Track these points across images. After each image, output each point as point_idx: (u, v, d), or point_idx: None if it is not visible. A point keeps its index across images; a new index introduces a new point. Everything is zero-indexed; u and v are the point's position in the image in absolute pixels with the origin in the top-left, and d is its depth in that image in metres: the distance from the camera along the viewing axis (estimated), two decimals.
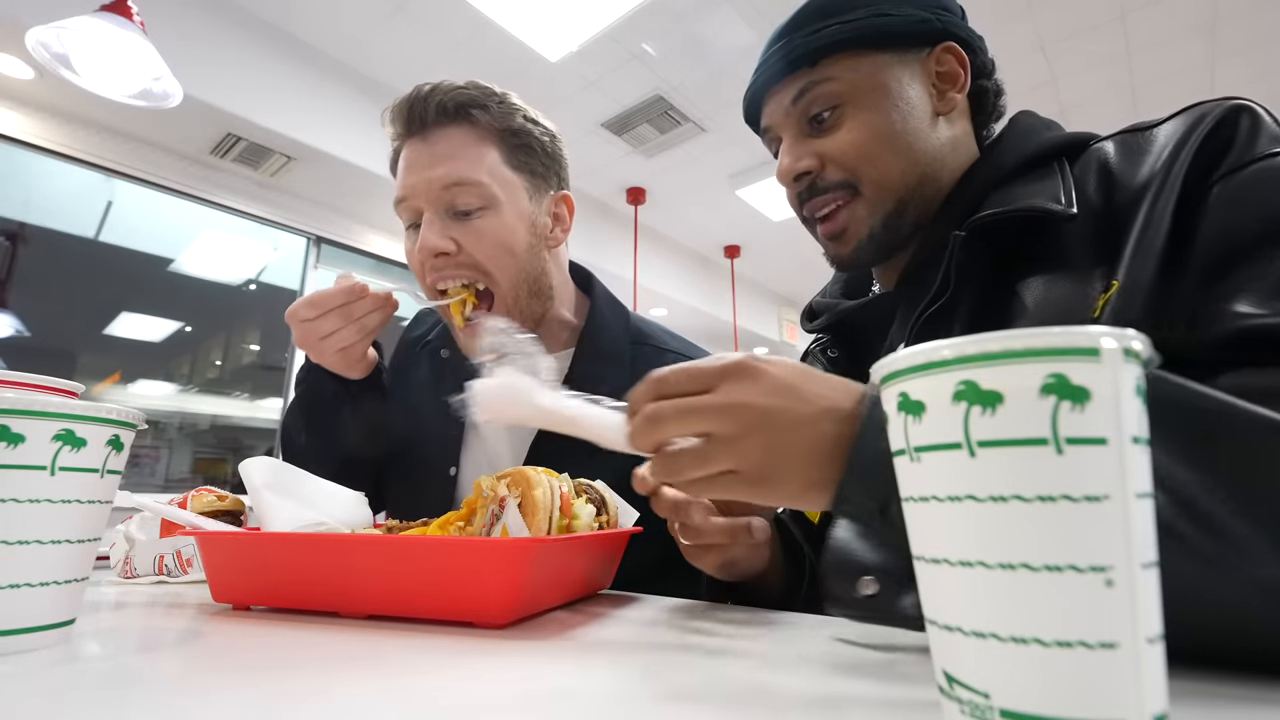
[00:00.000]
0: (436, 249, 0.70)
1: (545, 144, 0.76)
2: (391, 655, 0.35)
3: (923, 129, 0.57)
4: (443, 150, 0.70)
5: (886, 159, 0.56)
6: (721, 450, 0.36)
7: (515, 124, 0.73)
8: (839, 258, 0.61)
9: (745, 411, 0.36)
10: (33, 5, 1.88)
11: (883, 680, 0.31)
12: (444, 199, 0.70)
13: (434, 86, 0.72)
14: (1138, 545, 0.18)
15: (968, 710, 0.20)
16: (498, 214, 0.71)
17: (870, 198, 0.57)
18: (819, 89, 0.57)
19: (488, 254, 0.71)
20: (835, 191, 0.58)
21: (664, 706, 0.27)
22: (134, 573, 0.64)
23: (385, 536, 0.49)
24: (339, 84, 2.75)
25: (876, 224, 0.57)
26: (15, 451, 0.34)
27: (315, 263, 3.15)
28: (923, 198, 0.57)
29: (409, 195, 0.71)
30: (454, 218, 0.71)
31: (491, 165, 0.72)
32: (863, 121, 0.56)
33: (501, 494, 0.53)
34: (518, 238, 0.72)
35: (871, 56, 0.57)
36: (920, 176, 0.57)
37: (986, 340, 0.20)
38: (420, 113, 0.71)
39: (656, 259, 4.25)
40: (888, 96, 0.56)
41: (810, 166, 0.58)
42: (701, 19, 2.51)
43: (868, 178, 0.57)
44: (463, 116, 0.71)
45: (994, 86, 0.62)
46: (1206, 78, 2.74)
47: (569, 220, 0.81)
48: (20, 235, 2.43)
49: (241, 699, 0.27)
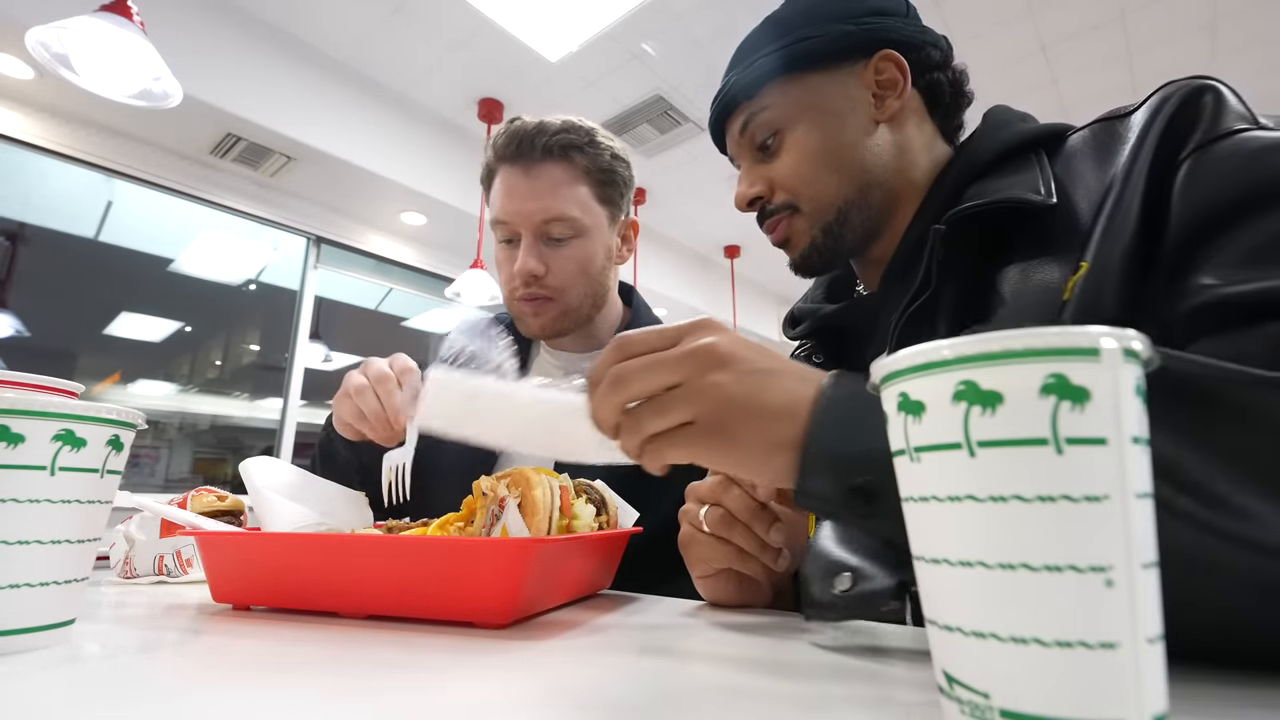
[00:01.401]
0: (533, 272, 0.80)
1: (625, 178, 0.86)
2: (391, 655, 0.35)
3: (858, 139, 0.58)
4: (544, 186, 0.80)
5: (821, 176, 0.59)
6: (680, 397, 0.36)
7: (604, 163, 0.83)
8: (793, 264, 0.64)
9: (707, 354, 0.36)
10: (32, 5, 1.88)
11: (883, 680, 0.31)
12: (542, 229, 0.80)
13: (540, 125, 0.81)
14: (1138, 545, 0.18)
15: (967, 710, 0.20)
16: (584, 243, 0.82)
17: (809, 213, 0.60)
18: (759, 118, 0.61)
19: (570, 277, 0.82)
20: (780, 213, 0.61)
21: (664, 707, 0.27)
22: (134, 573, 0.64)
23: (385, 536, 0.49)
24: (339, 84, 2.75)
25: (817, 233, 0.60)
26: (15, 451, 0.34)
27: (315, 263, 3.15)
28: (868, 204, 0.59)
29: (510, 220, 0.81)
30: (546, 243, 0.81)
31: (582, 200, 0.82)
32: (799, 144, 0.59)
33: (501, 494, 0.53)
34: (596, 260, 0.84)
35: (801, 79, 0.59)
36: (860, 185, 0.58)
37: (986, 340, 0.20)
38: (527, 148, 0.80)
39: (656, 259, 4.25)
40: (819, 114, 0.59)
41: (760, 192, 0.62)
42: (701, 19, 2.51)
43: (805, 197, 0.59)
44: (562, 156, 0.81)
45: (950, 77, 0.61)
46: None
47: (634, 240, 0.93)
48: (20, 235, 2.43)
49: (241, 699, 0.27)
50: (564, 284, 0.81)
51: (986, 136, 0.57)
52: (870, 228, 0.60)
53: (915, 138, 0.60)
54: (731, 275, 4.71)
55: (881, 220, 0.60)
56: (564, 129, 0.81)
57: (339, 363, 3.46)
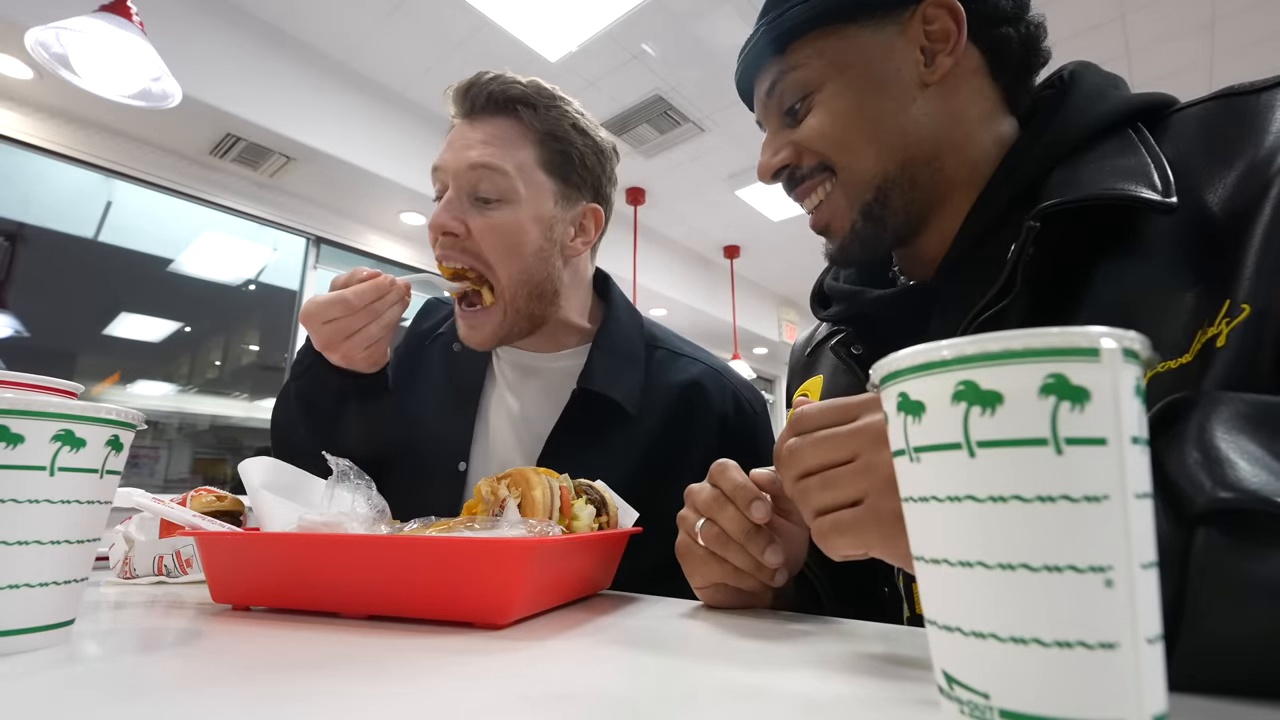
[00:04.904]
0: (445, 228, 0.71)
1: (585, 156, 0.77)
2: (391, 655, 0.35)
3: (901, 106, 0.50)
4: (481, 136, 0.72)
5: (857, 145, 0.51)
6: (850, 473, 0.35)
7: (559, 130, 0.74)
8: (832, 255, 0.58)
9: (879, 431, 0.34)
10: (32, 5, 1.88)
11: (882, 680, 0.31)
12: (469, 179, 0.71)
13: (495, 76, 0.74)
14: (1137, 545, 0.18)
15: (967, 710, 0.20)
16: (514, 210, 0.72)
17: (846, 183, 0.52)
18: (788, 79, 0.53)
19: (491, 247, 0.72)
20: (815, 177, 0.54)
21: (664, 707, 0.27)
22: (133, 573, 0.64)
23: (385, 536, 0.49)
24: (339, 84, 2.76)
25: (857, 217, 0.53)
26: (14, 452, 0.34)
27: (315, 263, 3.15)
28: (912, 183, 0.51)
29: (440, 166, 0.73)
30: (472, 203, 0.72)
31: (522, 162, 0.73)
32: (828, 107, 0.52)
33: (502, 495, 0.53)
34: (528, 238, 0.73)
35: (840, 33, 0.51)
36: (902, 161, 0.51)
37: (986, 340, 0.20)
38: (474, 97, 0.73)
39: (656, 259, 4.25)
40: (856, 75, 0.51)
41: (786, 159, 0.55)
42: (701, 19, 2.51)
43: (841, 162, 0.52)
44: (509, 110, 0.73)
45: (1020, 33, 0.51)
46: (1206, 77, 2.74)
47: (594, 233, 0.81)
48: (20, 235, 2.43)
49: (241, 699, 0.27)
50: (486, 252, 0.71)
51: (1078, 107, 0.48)
52: (916, 212, 0.52)
53: (972, 107, 0.51)
54: (731, 275, 4.71)
55: (929, 205, 0.52)
56: (521, 83, 0.73)
57: None
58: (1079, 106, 0.47)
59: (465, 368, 0.85)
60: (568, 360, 0.83)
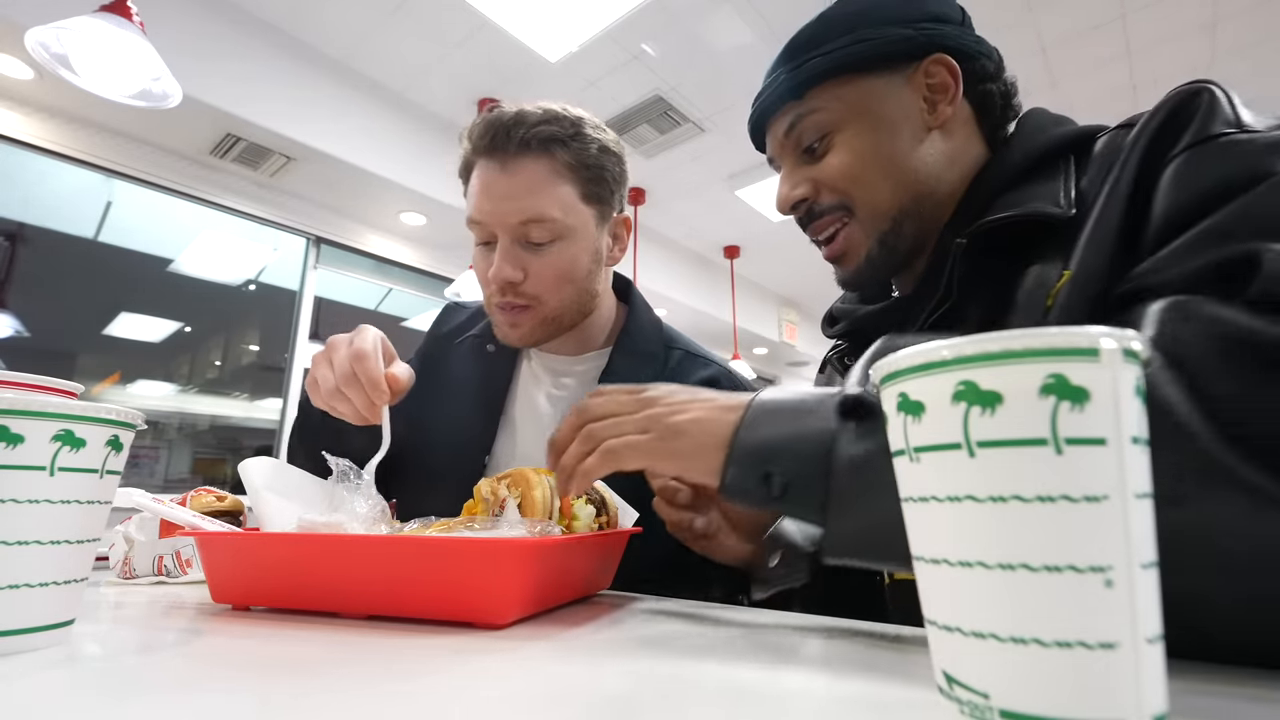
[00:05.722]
0: (508, 279, 0.74)
1: (616, 174, 0.79)
2: (391, 656, 0.35)
3: (912, 147, 0.57)
4: (521, 183, 0.73)
5: (875, 182, 0.57)
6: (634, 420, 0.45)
7: (590, 158, 0.76)
8: (844, 281, 0.64)
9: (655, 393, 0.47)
10: (32, 5, 1.88)
11: (883, 680, 0.31)
12: (519, 231, 0.73)
13: (517, 116, 0.74)
14: (1137, 545, 0.18)
15: (967, 710, 0.20)
16: (567, 245, 0.75)
17: (864, 219, 0.58)
18: (807, 120, 0.59)
19: (548, 283, 0.75)
20: (831, 214, 0.60)
21: (664, 707, 0.27)
22: (133, 573, 0.64)
23: (385, 536, 0.49)
24: (339, 84, 2.76)
25: (874, 246, 0.59)
26: (14, 452, 0.34)
27: (315, 263, 3.15)
28: (920, 214, 0.58)
29: (485, 220, 0.75)
30: (524, 247, 0.75)
31: (564, 200, 0.74)
32: (850, 147, 0.58)
33: (502, 495, 0.53)
34: (580, 266, 0.77)
35: (855, 82, 0.58)
36: (914, 195, 0.57)
37: (986, 340, 0.20)
38: (502, 140, 0.73)
39: (656, 259, 4.25)
40: (873, 119, 0.57)
41: (805, 194, 0.60)
42: (701, 19, 2.51)
43: (859, 200, 0.58)
44: (543, 150, 0.73)
45: (1001, 88, 0.60)
46: (1206, 77, 2.74)
47: (626, 239, 0.84)
48: (20, 235, 2.43)
49: (241, 700, 0.27)
50: (544, 291, 0.75)
51: (1019, 143, 0.56)
52: (921, 238, 0.59)
53: (966, 148, 0.59)
54: (731, 275, 4.71)
55: (929, 232, 0.59)
56: (545, 119, 0.73)
57: None
58: (1020, 145, 0.56)
59: (496, 368, 0.87)
60: (592, 362, 0.86)
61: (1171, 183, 0.42)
